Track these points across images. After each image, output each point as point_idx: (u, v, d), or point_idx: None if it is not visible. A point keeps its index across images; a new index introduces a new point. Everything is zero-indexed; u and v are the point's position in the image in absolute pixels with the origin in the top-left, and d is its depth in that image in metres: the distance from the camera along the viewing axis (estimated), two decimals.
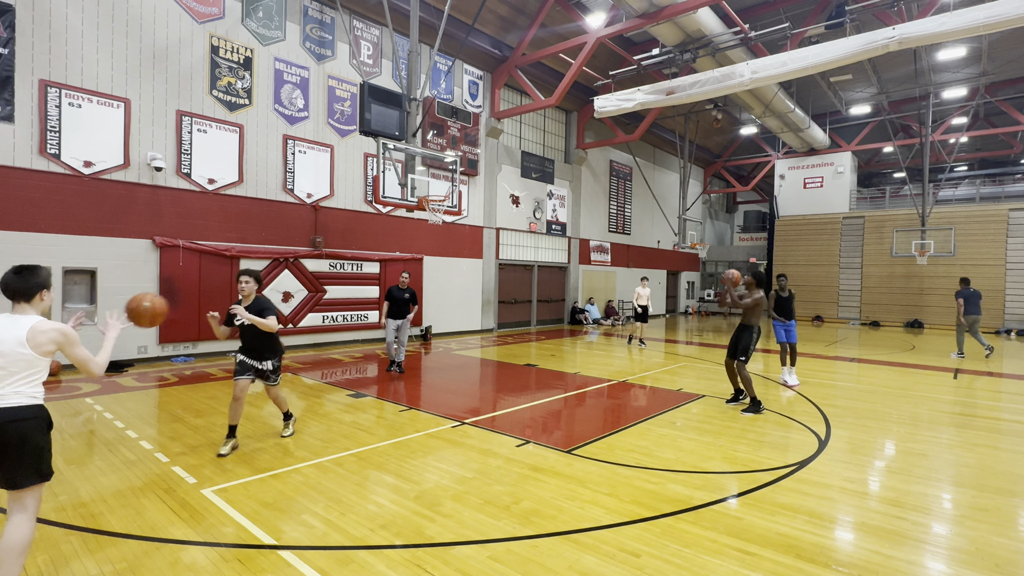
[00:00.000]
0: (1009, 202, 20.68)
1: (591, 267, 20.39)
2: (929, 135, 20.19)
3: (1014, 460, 5.24)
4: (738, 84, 13.26)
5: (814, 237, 24.10)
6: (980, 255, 20.27)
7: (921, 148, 20.40)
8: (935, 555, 3.34)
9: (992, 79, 19.14)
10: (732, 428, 6.14)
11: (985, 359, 12.38)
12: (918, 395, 8.30)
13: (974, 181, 25.19)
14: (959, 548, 3.44)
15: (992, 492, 4.41)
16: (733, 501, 4.08)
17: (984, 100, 20.25)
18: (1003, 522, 3.86)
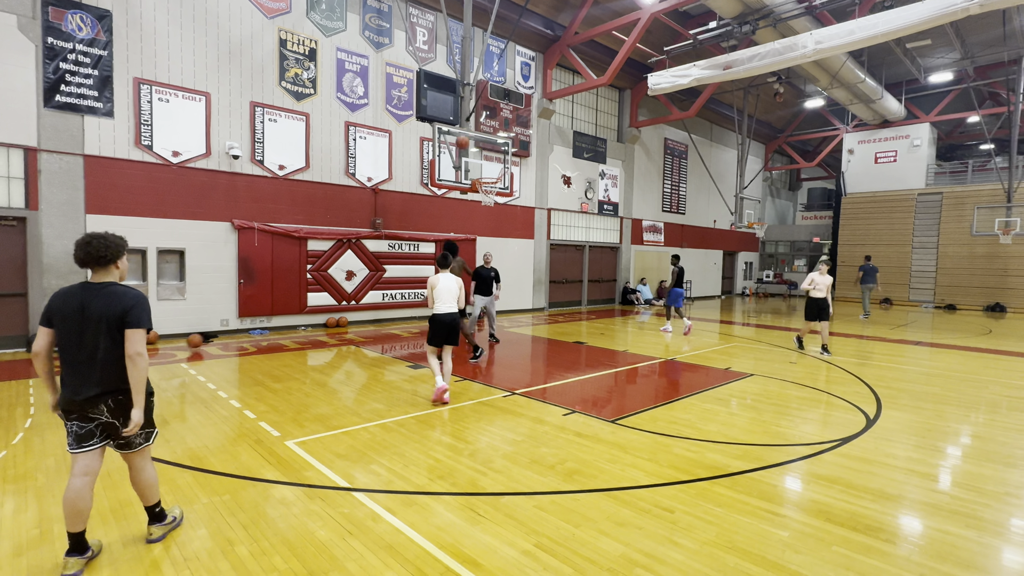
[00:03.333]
0: None
1: (643, 247, 20.25)
2: (1020, 103, 18.57)
3: None
4: (801, 56, 12.74)
5: (885, 215, 22.79)
6: None
7: (1010, 117, 18.80)
8: (977, 527, 3.43)
9: None
10: (777, 406, 6.22)
11: None
12: (985, 379, 7.99)
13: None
14: (1001, 526, 3.51)
15: None
16: (770, 470, 4.26)
17: None
18: None
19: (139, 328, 2.74)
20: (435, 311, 6.05)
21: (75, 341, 2.70)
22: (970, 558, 3.07)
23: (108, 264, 2.82)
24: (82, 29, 8.65)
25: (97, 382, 2.71)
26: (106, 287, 2.78)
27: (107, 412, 2.77)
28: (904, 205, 22.31)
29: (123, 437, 2.82)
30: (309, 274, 11.39)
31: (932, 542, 3.23)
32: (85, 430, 2.77)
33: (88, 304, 2.71)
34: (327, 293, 11.70)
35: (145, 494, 2.92)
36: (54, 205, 8.60)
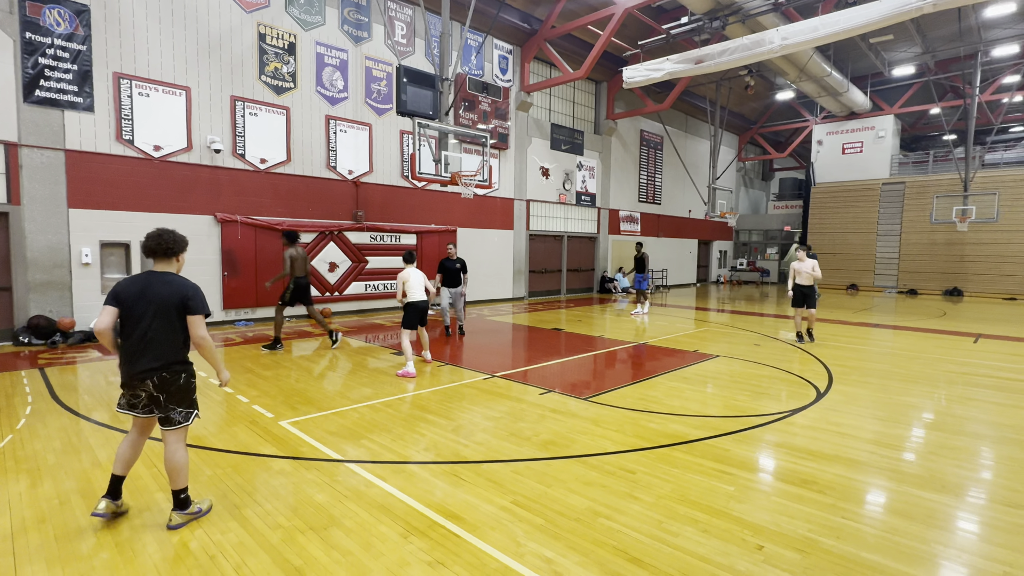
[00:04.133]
0: None
1: (621, 237, 20.75)
2: (976, 96, 19.45)
3: (1002, 411, 5.67)
4: (768, 51, 13.24)
5: (851, 204, 23.67)
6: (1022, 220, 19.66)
7: (967, 110, 19.68)
8: (896, 478, 3.92)
9: None
10: (738, 383, 6.71)
11: None
12: (931, 357, 8.62)
13: (1020, 143, 24.08)
14: (914, 474, 4.01)
15: (967, 436, 4.91)
16: (724, 437, 4.72)
17: None
18: (964, 458, 4.38)
19: (199, 314, 3.13)
20: (411, 300, 6.99)
21: (135, 321, 3.05)
22: (886, 502, 3.55)
23: (172, 256, 3.21)
24: (60, 24, 8.69)
25: (149, 358, 3.05)
26: (167, 276, 3.14)
27: (152, 387, 3.09)
28: (869, 194, 23.19)
29: (166, 411, 3.15)
30: None
31: (855, 491, 3.71)
32: (133, 402, 3.14)
33: (150, 288, 3.06)
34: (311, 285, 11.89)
35: (173, 476, 3.19)
36: (36, 200, 8.67)
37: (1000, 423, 5.28)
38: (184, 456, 3.19)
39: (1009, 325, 12.58)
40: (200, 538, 3.01)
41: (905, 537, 3.12)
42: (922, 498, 3.63)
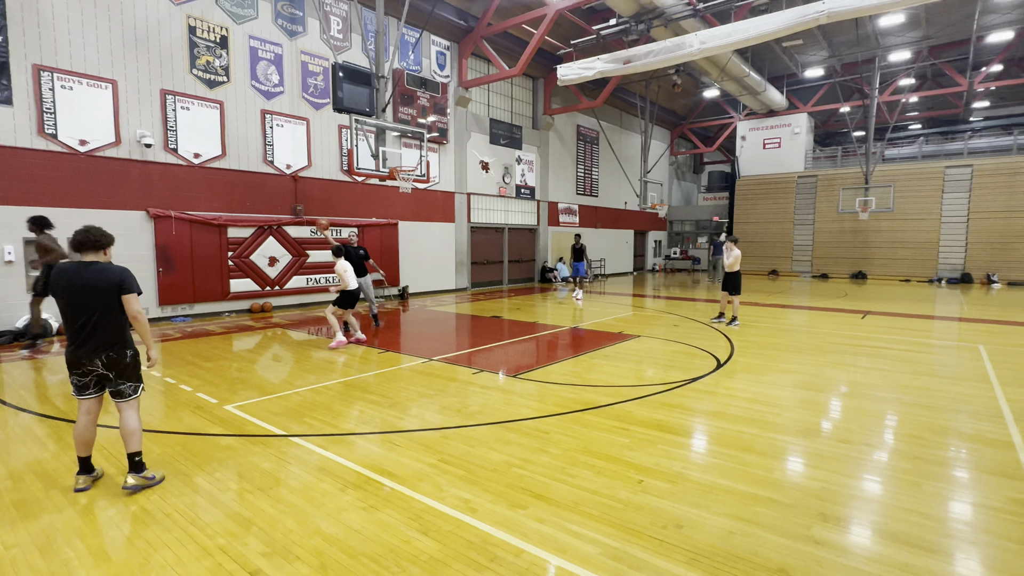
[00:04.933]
0: (946, 159, 22.18)
1: (560, 228, 21.55)
2: (875, 97, 21.45)
3: (865, 373, 6.69)
4: (688, 54, 14.22)
5: (772, 196, 25.49)
6: (918, 210, 21.91)
7: (866, 109, 21.66)
8: (764, 427, 4.73)
9: (933, 43, 20.32)
10: (653, 358, 7.51)
11: None
12: (823, 332, 9.79)
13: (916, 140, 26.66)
14: (780, 425, 4.84)
15: (830, 392, 5.85)
16: (630, 402, 5.43)
17: (929, 62, 21.46)
18: (822, 410, 5.29)
19: (133, 292, 3.49)
20: (352, 287, 8.04)
21: (78, 308, 3.37)
22: (748, 444, 4.32)
23: (99, 249, 3.49)
24: None
25: (95, 342, 3.41)
26: (97, 264, 3.45)
27: (101, 366, 3.47)
28: (787, 187, 25.06)
29: (116, 386, 3.54)
30: (231, 261, 11.58)
31: (727, 438, 4.47)
32: (82, 382, 3.48)
33: (84, 277, 3.37)
34: (250, 279, 11.94)
35: (128, 440, 3.54)
36: None
37: (860, 382, 6.28)
38: (137, 422, 3.57)
39: (896, 303, 14.22)
40: (155, 502, 3.37)
41: (756, 468, 3.88)
42: (778, 439, 4.43)
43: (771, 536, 2.97)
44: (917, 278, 21.87)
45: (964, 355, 7.76)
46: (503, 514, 3.21)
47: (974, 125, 27.09)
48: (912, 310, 12.83)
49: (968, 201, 21.03)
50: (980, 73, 21.12)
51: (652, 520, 3.14)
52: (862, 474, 3.82)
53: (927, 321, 11.18)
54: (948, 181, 21.43)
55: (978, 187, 20.81)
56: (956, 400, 5.57)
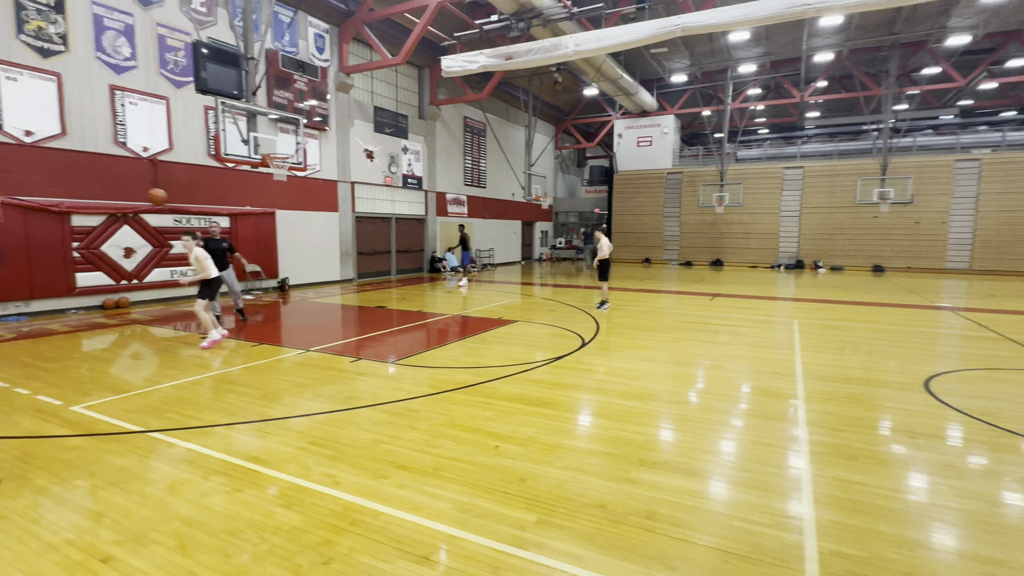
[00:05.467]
0: (784, 161, 25.54)
1: (449, 219, 21.78)
2: (729, 103, 24.08)
3: (704, 346, 7.77)
4: (564, 54, 15.05)
5: (645, 190, 27.67)
6: (763, 205, 25.04)
7: (722, 114, 24.26)
8: (609, 395, 5.40)
9: (774, 58, 23.22)
10: (524, 340, 8.08)
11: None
12: (677, 312, 11.05)
13: (763, 143, 30.37)
14: (623, 392, 5.56)
15: (672, 364, 6.76)
16: (498, 380, 5.89)
17: (771, 75, 24.47)
18: (662, 378, 6.12)
19: None
20: (212, 275, 7.67)
21: None
22: (594, 410, 4.96)
23: None
24: None
25: None
26: None
27: None
28: (657, 182, 27.34)
29: None
30: (77, 252, 10.44)
31: (578, 406, 5.09)
32: None
33: None
34: (102, 272, 10.84)
35: None
36: None
37: (696, 353, 7.30)
38: None
39: (741, 286, 16.29)
40: None
41: (600, 429, 4.49)
42: (618, 404, 5.12)
43: (597, 480, 3.54)
44: (763, 265, 25.05)
45: (781, 328, 9.25)
46: (366, 484, 3.47)
47: (807, 132, 31.37)
48: (752, 292, 14.81)
49: (800, 198, 24.42)
50: (810, 87, 24.49)
51: (501, 478, 3.58)
52: (678, 426, 4.58)
53: (761, 301, 13.01)
54: (786, 180, 24.73)
55: (808, 186, 24.24)
56: (765, 364, 6.72)
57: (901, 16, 18.91)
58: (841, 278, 19.71)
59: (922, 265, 22.41)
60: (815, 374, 6.23)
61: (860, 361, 6.94)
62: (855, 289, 15.78)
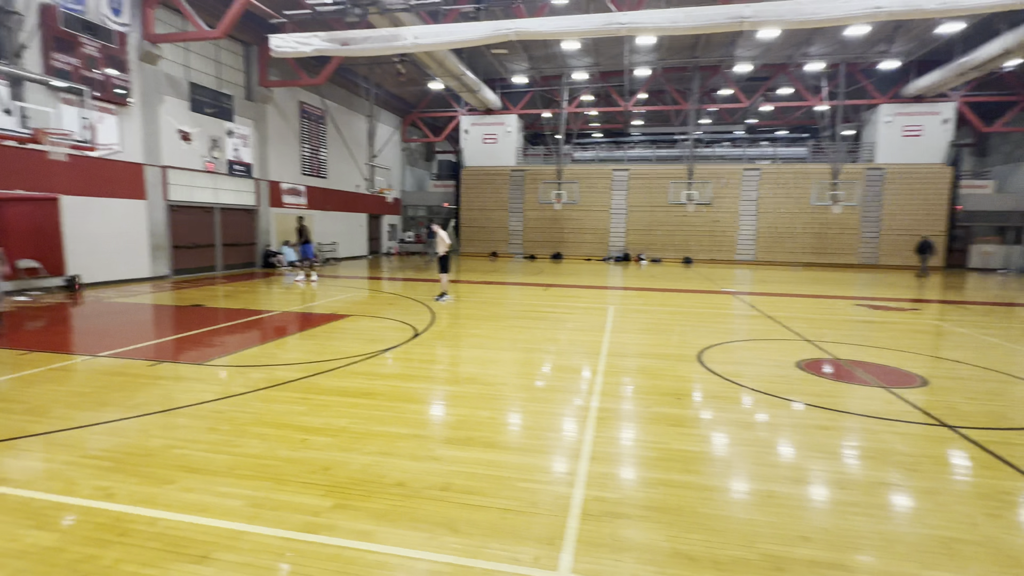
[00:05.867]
0: (614, 164, 28.22)
1: (285, 210, 20.36)
2: (565, 107, 25.86)
3: (529, 331, 8.34)
4: (403, 46, 14.96)
5: (491, 186, 28.57)
6: (595, 203, 27.39)
7: (557, 117, 25.99)
8: (430, 381, 5.59)
9: (603, 69, 25.44)
10: (356, 334, 7.97)
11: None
12: (511, 302, 11.69)
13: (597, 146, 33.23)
14: (443, 378, 5.79)
15: (495, 350, 7.17)
16: (320, 375, 5.76)
17: (600, 84, 26.77)
18: (481, 364, 6.48)
19: None
20: None
21: None
22: (412, 396, 5.12)
23: None
24: None
25: None
26: None
27: None
28: (502, 179, 28.41)
29: None
30: None
31: (399, 392, 5.20)
32: None
33: None
34: None
35: None
36: None
37: (520, 338, 7.83)
38: None
39: (575, 277, 17.71)
40: None
41: (415, 414, 4.65)
42: (437, 389, 5.35)
43: (402, 461, 3.69)
44: (596, 258, 27.42)
45: (599, 314, 10.30)
46: (147, 492, 3.22)
47: (633, 139, 34.93)
48: (581, 282, 16.20)
49: (626, 197, 27.18)
50: (633, 98, 27.29)
51: (303, 469, 3.56)
52: (489, 405, 4.93)
53: (588, 290, 14.30)
54: (614, 181, 27.31)
55: (632, 187, 27.06)
56: (577, 345, 7.46)
57: (700, 42, 21.94)
58: (659, 269, 22.40)
59: (721, 257, 26.37)
60: (616, 352, 7.08)
61: (655, 339, 8.04)
62: (666, 278, 18.07)
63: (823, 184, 23.17)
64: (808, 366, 6.50)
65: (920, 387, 5.72)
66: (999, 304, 13.08)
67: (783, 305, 11.93)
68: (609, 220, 27.43)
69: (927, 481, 3.58)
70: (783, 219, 25.63)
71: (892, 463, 3.84)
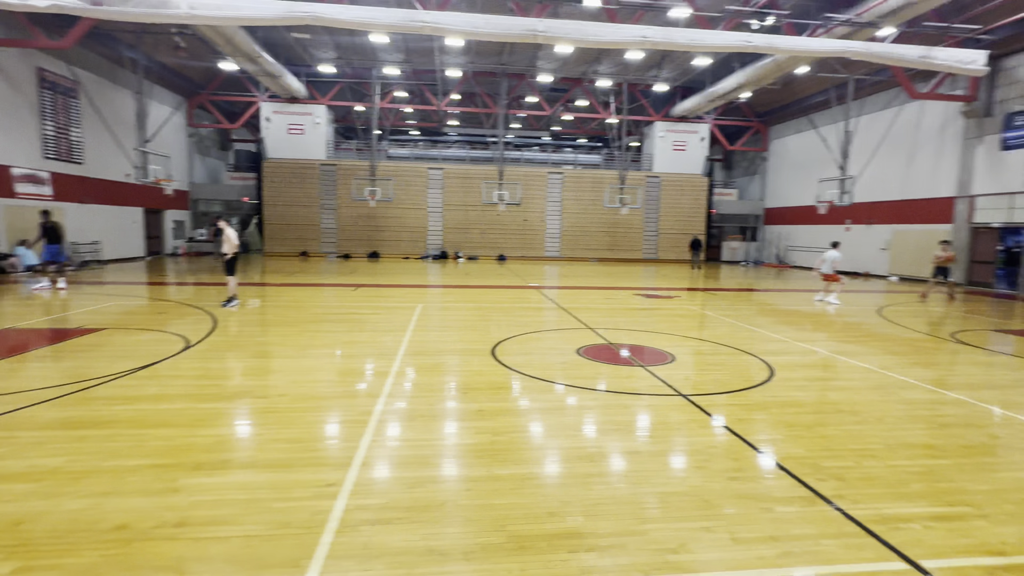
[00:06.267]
0: (430, 162, 28.31)
1: (19, 202, 16.34)
2: (377, 102, 25.15)
3: (324, 336, 7.86)
4: (176, 15, 13.01)
5: (299, 180, 26.55)
6: (411, 201, 27.20)
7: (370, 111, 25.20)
8: (191, 399, 4.90)
9: (415, 67, 25.27)
10: (104, 351, 6.69)
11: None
12: (313, 305, 10.95)
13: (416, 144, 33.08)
14: (212, 394, 5.13)
15: (283, 358, 6.60)
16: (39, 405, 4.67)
17: (414, 82, 26.57)
18: (260, 375, 5.91)
19: None
20: None
21: None
22: (172, 419, 4.43)
23: None
24: None
25: None
26: None
27: None
28: (312, 172, 26.60)
29: None
30: None
31: (148, 417, 4.46)
32: None
33: None
34: None
35: None
36: None
37: (314, 344, 7.34)
38: None
39: (389, 277, 17.33)
40: None
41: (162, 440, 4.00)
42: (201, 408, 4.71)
43: (128, 500, 3.13)
44: (414, 256, 27.26)
45: (405, 313, 10.18)
46: None
47: (450, 138, 35.47)
48: (395, 282, 15.92)
49: (443, 196, 27.48)
50: (446, 98, 27.64)
51: None
52: (259, 420, 4.50)
53: (400, 289, 14.08)
54: (430, 179, 27.42)
55: (448, 186, 27.46)
56: (375, 346, 7.26)
57: (506, 50, 23.08)
58: (474, 267, 23.09)
59: (532, 254, 28.19)
60: (414, 351, 7.04)
61: (455, 335, 8.20)
62: (479, 275, 18.69)
63: (613, 188, 26.20)
64: (586, 352, 7.21)
65: (670, 363, 6.72)
66: (738, 290, 16.15)
67: (576, 297, 13.15)
68: (427, 218, 27.46)
69: (658, 445, 4.17)
70: (582, 219, 28.35)
71: (636, 432, 4.41)
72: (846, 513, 3.16)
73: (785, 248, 27.59)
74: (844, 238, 21.55)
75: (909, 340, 8.68)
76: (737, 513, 3.14)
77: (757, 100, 27.04)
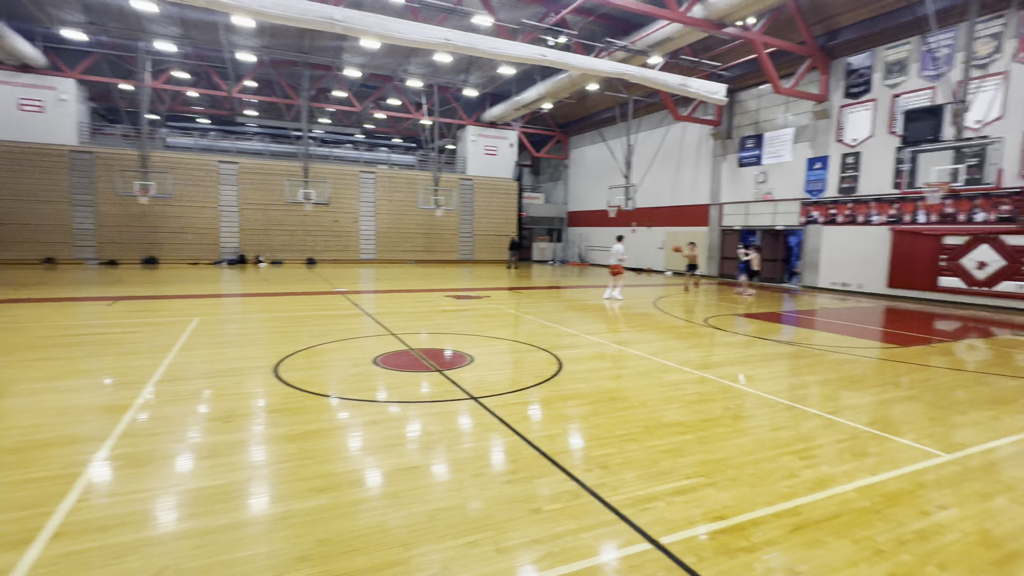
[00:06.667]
0: (221, 155, 25.03)
1: None
2: (147, 81, 21.39)
3: (42, 367, 6.22)
4: None
5: (37, 169, 21.35)
6: (200, 198, 23.77)
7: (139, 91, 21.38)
8: None
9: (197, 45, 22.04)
10: None
11: None
12: (50, 323, 8.72)
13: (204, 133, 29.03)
14: None
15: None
16: None
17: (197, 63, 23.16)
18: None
19: None
20: None
21: None
22: None
23: None
24: None
25: None
26: None
27: None
28: (57, 161, 21.62)
29: None
30: None
31: None
32: None
33: None
34: None
35: None
36: None
37: (24, 377, 5.76)
38: None
39: (165, 286, 14.77)
40: None
41: None
42: None
43: None
44: (205, 261, 23.87)
45: (174, 328, 8.66)
46: None
47: (247, 130, 31.87)
48: (171, 292, 13.62)
49: (238, 193, 24.53)
50: (239, 84, 24.70)
51: None
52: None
53: (175, 301, 12.05)
54: (222, 174, 24.26)
55: (244, 182, 24.60)
56: (120, 374, 5.96)
57: (307, 38, 21.40)
58: (278, 271, 21.00)
59: (344, 257, 26.69)
60: (173, 376, 5.93)
61: (233, 352, 7.17)
62: (280, 281, 17.01)
63: (428, 190, 26.10)
64: (384, 360, 6.84)
65: (467, 365, 6.69)
66: (545, 288, 17.19)
67: (386, 301, 12.66)
68: (219, 218, 24.24)
69: (436, 457, 4.01)
70: (398, 221, 27.75)
71: (416, 446, 4.20)
72: (604, 501, 3.32)
73: (585, 248, 30.41)
74: (631, 238, 24.50)
75: (673, 327, 10.01)
76: (506, 519, 3.09)
77: (558, 112, 29.29)
